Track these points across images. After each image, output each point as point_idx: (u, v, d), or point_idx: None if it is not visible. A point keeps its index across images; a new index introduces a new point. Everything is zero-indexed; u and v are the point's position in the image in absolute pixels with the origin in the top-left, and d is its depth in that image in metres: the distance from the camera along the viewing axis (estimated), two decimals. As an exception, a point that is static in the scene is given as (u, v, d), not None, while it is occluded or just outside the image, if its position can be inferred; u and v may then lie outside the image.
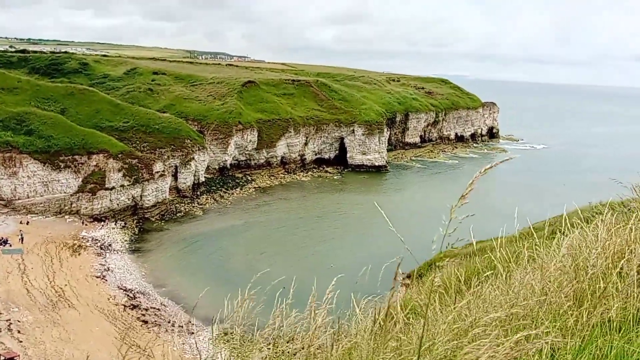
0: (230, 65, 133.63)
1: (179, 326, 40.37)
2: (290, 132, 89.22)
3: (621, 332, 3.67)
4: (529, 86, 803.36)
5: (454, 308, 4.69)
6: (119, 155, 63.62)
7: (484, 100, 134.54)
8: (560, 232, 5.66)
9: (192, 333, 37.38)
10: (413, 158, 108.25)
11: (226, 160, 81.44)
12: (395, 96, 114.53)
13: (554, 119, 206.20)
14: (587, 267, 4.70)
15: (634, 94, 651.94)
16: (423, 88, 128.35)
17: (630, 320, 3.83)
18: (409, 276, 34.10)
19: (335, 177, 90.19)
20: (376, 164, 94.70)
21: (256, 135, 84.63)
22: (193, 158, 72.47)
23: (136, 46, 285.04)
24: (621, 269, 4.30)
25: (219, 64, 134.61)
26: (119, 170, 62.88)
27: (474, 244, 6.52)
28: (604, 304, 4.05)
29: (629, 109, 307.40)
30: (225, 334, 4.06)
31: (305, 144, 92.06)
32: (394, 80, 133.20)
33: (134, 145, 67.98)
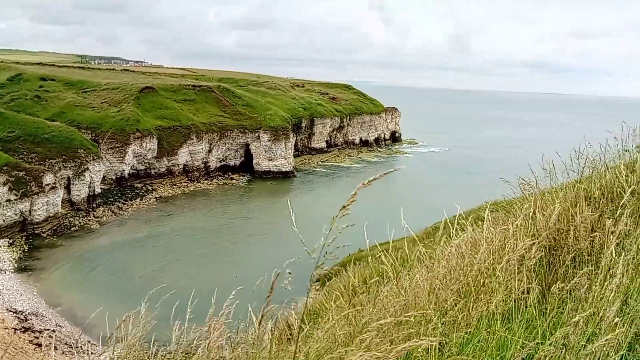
0: (126, 70, 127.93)
1: (76, 347, 37.82)
2: (192, 139, 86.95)
3: (504, 323, 3.78)
4: (429, 92, 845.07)
5: (347, 312, 4.66)
6: (4, 168, 58.48)
7: (386, 105, 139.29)
8: (454, 230, 5.86)
9: (92, 353, 35.19)
10: (320, 163, 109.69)
11: (124, 170, 77.73)
12: (300, 102, 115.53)
13: (453, 122, 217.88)
14: (473, 263, 4.81)
15: (524, 99, 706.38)
16: (327, 94, 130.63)
17: (512, 311, 3.96)
18: (317, 280, 34.34)
19: (241, 184, 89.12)
20: (283, 169, 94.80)
21: (156, 143, 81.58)
22: (87, 168, 68.36)
23: (21, 51, 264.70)
24: (504, 262, 4.44)
25: (113, 69, 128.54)
26: (4, 184, 57.79)
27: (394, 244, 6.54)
28: (488, 297, 4.15)
29: (520, 114, 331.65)
30: (126, 353, 3.91)
31: (209, 151, 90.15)
32: (298, 85, 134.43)
33: (20, 156, 62.89)
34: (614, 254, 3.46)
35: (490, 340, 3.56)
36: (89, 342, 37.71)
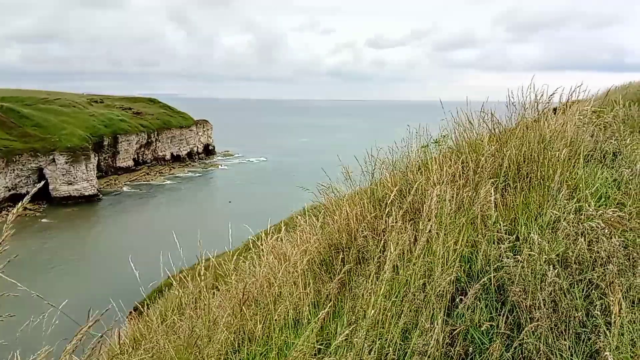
0: None
1: None
2: (-28, 167, 75.34)
3: (294, 328, 3.91)
4: (238, 103, 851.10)
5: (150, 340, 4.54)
6: None
7: (196, 118, 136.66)
8: (262, 243, 5.90)
9: None
10: (128, 183, 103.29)
11: None
12: (100, 119, 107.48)
13: (266, 132, 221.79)
14: (264, 274, 4.86)
15: (331, 106, 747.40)
16: (131, 108, 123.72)
17: (301, 316, 4.08)
18: (135, 309, 32.28)
19: (37, 215, 79.42)
20: (86, 193, 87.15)
21: None
22: None
23: None
24: (282, 271, 4.55)
25: None
26: None
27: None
28: (278, 305, 4.21)
29: (328, 120, 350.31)
30: None
31: (-6, 179, 78.96)
32: (96, 101, 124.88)
33: None
34: (392, 250, 3.67)
35: (272, 349, 3.65)
36: None
